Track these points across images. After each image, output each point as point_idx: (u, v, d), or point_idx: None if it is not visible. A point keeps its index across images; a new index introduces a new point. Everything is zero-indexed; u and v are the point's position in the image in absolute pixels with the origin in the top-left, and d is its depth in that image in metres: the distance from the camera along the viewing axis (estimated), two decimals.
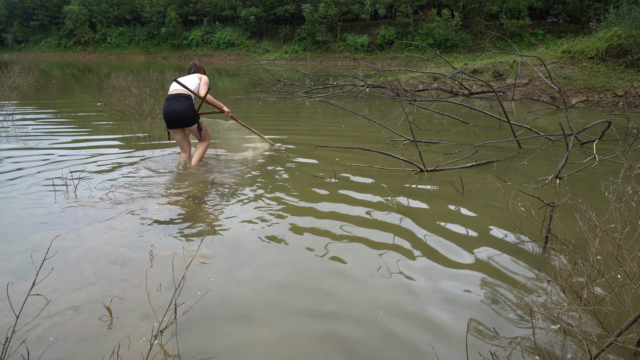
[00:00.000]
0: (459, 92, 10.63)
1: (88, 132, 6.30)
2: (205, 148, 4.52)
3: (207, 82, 4.36)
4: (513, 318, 2.06)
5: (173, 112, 4.19)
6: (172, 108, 4.19)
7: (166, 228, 3.00)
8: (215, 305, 2.13)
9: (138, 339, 1.87)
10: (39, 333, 1.89)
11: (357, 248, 2.76)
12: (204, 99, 4.29)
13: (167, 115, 4.23)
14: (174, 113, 4.19)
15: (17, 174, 4.14)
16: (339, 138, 6.11)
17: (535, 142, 5.70)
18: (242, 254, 2.65)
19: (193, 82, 4.32)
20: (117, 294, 2.15)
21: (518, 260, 2.60)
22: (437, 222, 3.19)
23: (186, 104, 4.21)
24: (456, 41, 28.88)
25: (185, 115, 4.21)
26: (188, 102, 4.23)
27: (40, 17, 46.13)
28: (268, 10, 35.79)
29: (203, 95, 4.27)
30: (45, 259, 1.68)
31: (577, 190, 3.76)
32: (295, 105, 9.58)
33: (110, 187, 3.75)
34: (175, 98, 4.22)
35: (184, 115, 4.21)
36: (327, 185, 3.95)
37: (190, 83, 4.29)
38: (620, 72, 10.28)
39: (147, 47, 42.37)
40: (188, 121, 4.26)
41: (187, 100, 4.23)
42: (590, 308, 1.87)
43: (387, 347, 1.87)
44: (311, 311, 2.11)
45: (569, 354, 1.82)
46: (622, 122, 7.02)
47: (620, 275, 2.24)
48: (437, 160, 4.65)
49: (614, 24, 11.79)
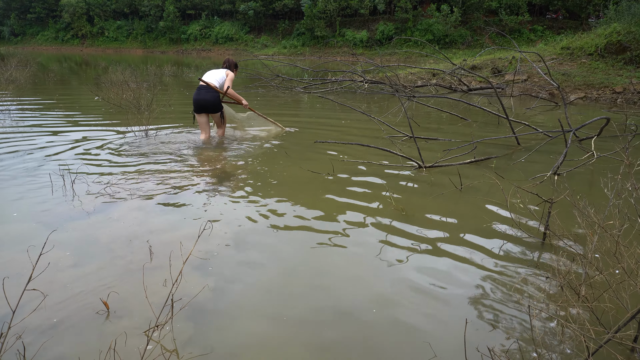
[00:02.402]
0: (457, 88, 10.61)
1: (85, 125, 6.26)
2: (223, 132, 5.39)
3: (231, 79, 5.11)
4: (511, 314, 2.06)
5: (202, 100, 4.95)
6: (202, 96, 4.95)
7: (163, 223, 2.99)
8: (212, 300, 2.12)
9: (135, 334, 1.86)
10: (35, 328, 1.88)
11: (355, 244, 2.76)
12: (225, 93, 5.03)
13: (196, 102, 4.98)
14: (203, 101, 4.95)
15: (13, 168, 4.11)
16: (337, 134, 6.09)
17: (534, 139, 5.70)
18: (240, 250, 2.64)
19: (220, 75, 5.08)
20: (114, 289, 2.14)
21: (516, 257, 2.60)
22: (436, 218, 3.18)
23: (215, 95, 4.99)
24: (455, 37, 28.78)
25: (212, 103, 4.99)
26: (216, 94, 5.01)
27: (37, 9, 45.74)
28: (267, 4, 35.57)
29: (225, 90, 5.01)
30: (41, 253, 1.67)
31: (575, 187, 3.76)
32: (294, 101, 9.55)
33: (107, 181, 3.73)
34: (206, 88, 4.96)
35: (211, 103, 4.98)
36: (325, 181, 3.94)
37: (218, 76, 5.06)
38: (619, 69, 10.27)
39: (145, 41, 42.09)
40: (214, 108, 5.04)
41: (216, 92, 5.00)
42: (588, 304, 1.87)
43: (384, 343, 1.86)
44: (308, 307, 2.11)
45: (566, 350, 1.82)
46: (620, 119, 7.02)
47: (618, 272, 2.24)
48: (436, 157, 4.64)
49: (613, 20, 11.76)
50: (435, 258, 2.59)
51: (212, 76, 5.05)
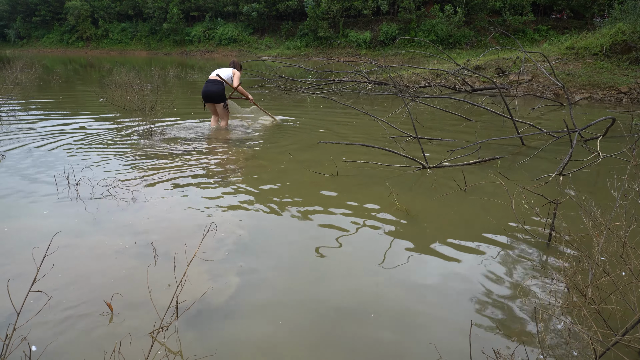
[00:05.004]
0: (461, 89, 10.58)
1: (89, 127, 6.28)
2: (226, 123, 6.20)
3: (239, 77, 6.06)
4: (517, 316, 2.04)
5: (209, 91, 5.93)
6: (209, 89, 5.92)
7: (167, 224, 2.99)
8: (216, 302, 2.12)
9: (139, 335, 1.86)
10: (40, 330, 1.89)
11: (359, 244, 2.75)
12: (236, 89, 6.00)
13: (204, 93, 5.97)
14: (210, 92, 5.92)
15: (18, 169, 4.13)
16: (341, 134, 6.08)
17: (539, 139, 5.67)
18: (243, 251, 2.63)
19: (227, 72, 6.03)
20: (118, 291, 2.15)
21: (521, 258, 2.59)
22: (440, 219, 3.17)
23: (219, 88, 5.91)
24: (459, 37, 28.70)
25: (218, 95, 5.92)
26: (220, 87, 5.92)
27: (42, 12, 46.01)
28: (270, 6, 35.61)
29: (235, 86, 5.98)
30: (46, 255, 1.67)
31: (581, 188, 3.74)
32: (297, 101, 9.55)
33: (111, 182, 3.74)
34: (212, 82, 5.93)
35: (216, 95, 5.92)
36: (328, 181, 3.93)
37: (226, 73, 6.02)
38: (624, 69, 10.20)
39: (149, 43, 42.23)
40: (219, 99, 5.96)
41: (220, 85, 5.93)
42: (595, 306, 1.85)
43: (389, 344, 1.85)
44: (311, 308, 2.10)
45: (573, 352, 1.80)
46: (626, 119, 6.96)
47: (625, 274, 2.22)
48: (440, 157, 4.62)
49: (618, 20, 11.69)
50: (440, 259, 2.58)
51: (221, 72, 6.00)
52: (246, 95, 6.18)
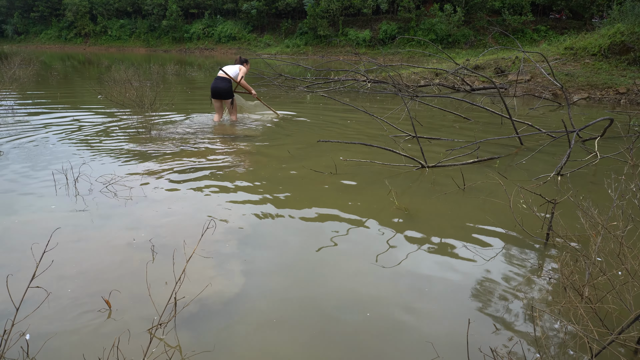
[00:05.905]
0: (460, 88, 10.59)
1: (87, 123, 6.27)
2: (235, 117, 6.54)
3: (244, 72, 6.31)
4: (514, 315, 2.05)
5: (217, 88, 6.16)
6: (217, 85, 6.16)
7: (166, 221, 2.99)
8: (215, 298, 2.12)
9: (138, 332, 1.87)
10: (38, 325, 1.89)
11: (357, 243, 2.76)
12: (239, 83, 6.22)
13: (213, 89, 6.21)
14: (218, 88, 6.16)
15: (17, 166, 4.12)
16: (340, 133, 6.09)
17: (537, 139, 5.68)
18: (242, 249, 2.64)
19: (234, 69, 6.25)
20: (116, 287, 2.15)
21: (519, 257, 2.60)
22: (438, 218, 3.18)
23: (227, 85, 6.17)
24: (458, 37, 28.72)
25: (225, 91, 6.18)
26: (228, 84, 6.18)
27: (40, 8, 45.83)
28: (270, 4, 35.56)
29: (238, 80, 6.20)
30: (45, 251, 1.67)
31: (578, 188, 3.75)
32: (297, 100, 9.55)
33: (110, 179, 3.73)
34: (220, 79, 6.17)
35: (224, 91, 6.18)
36: (327, 180, 3.94)
37: (232, 70, 6.24)
38: (622, 69, 10.23)
39: (148, 40, 42.13)
40: (225, 95, 6.22)
41: (227, 82, 6.18)
42: (592, 305, 1.86)
43: (386, 343, 1.86)
44: (309, 307, 2.11)
45: (569, 351, 1.81)
46: (624, 120, 6.99)
47: (621, 273, 2.23)
48: (439, 156, 4.63)
49: (617, 20, 11.71)
50: (438, 258, 2.59)
51: (228, 69, 6.24)
52: (249, 89, 6.37)
